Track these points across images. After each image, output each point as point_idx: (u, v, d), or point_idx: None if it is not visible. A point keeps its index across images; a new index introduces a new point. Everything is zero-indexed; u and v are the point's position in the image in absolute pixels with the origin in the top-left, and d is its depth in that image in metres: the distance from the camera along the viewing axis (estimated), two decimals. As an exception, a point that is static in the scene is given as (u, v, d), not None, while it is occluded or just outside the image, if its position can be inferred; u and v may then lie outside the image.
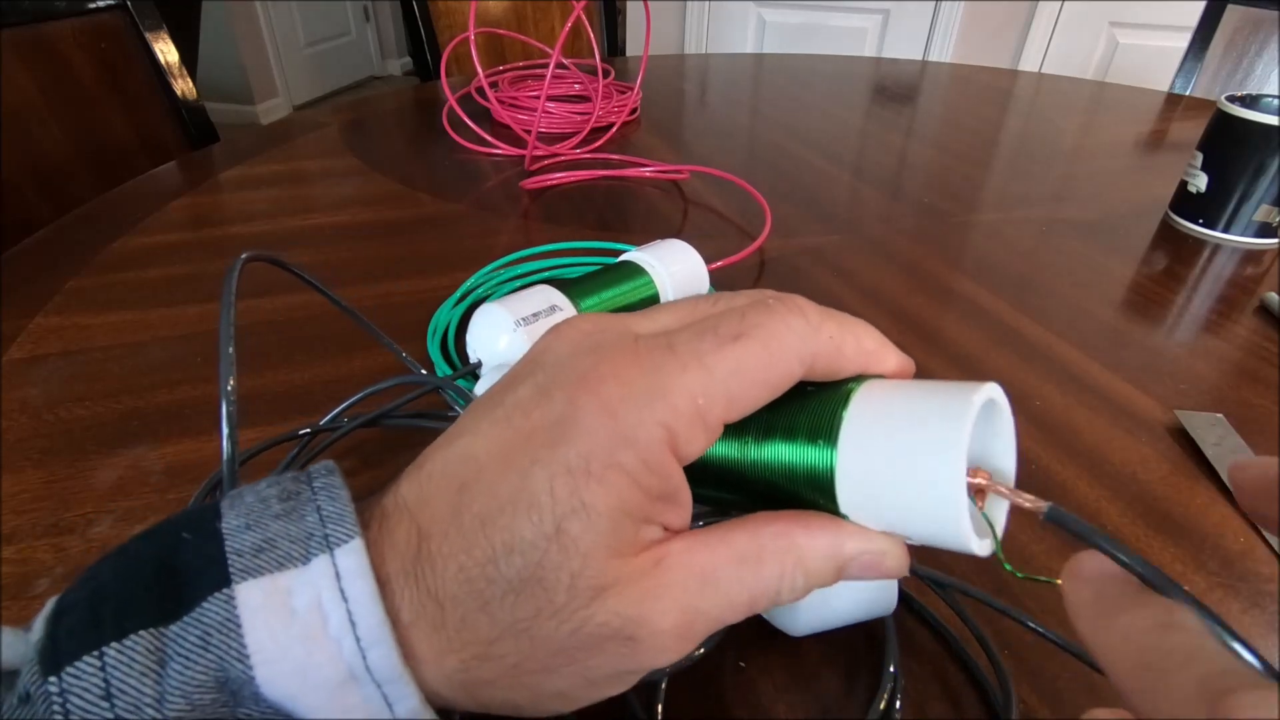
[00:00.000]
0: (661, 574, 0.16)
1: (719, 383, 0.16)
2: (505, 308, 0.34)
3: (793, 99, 0.94)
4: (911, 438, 0.16)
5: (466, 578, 0.15)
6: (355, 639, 0.14)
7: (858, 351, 0.18)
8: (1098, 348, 0.42)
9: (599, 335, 0.17)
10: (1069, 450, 0.34)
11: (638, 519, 0.16)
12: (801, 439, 0.17)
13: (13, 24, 0.70)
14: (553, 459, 0.15)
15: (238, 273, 0.21)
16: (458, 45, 1.10)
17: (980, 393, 0.16)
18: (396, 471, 0.17)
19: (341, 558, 0.15)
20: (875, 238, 0.56)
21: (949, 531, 0.16)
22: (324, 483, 0.16)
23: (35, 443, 0.33)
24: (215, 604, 0.14)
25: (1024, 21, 2.24)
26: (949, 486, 0.15)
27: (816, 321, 0.17)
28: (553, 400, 0.16)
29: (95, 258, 0.49)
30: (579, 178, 0.65)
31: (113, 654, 0.14)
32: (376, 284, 0.46)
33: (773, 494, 0.18)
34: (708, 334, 0.17)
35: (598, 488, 0.15)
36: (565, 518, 0.15)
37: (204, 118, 0.87)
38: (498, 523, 0.15)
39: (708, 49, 2.47)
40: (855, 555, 0.17)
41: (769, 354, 0.16)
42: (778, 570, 0.16)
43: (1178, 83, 1.15)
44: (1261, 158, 0.53)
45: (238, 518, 0.16)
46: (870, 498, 0.17)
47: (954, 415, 0.15)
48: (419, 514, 0.16)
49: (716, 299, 0.19)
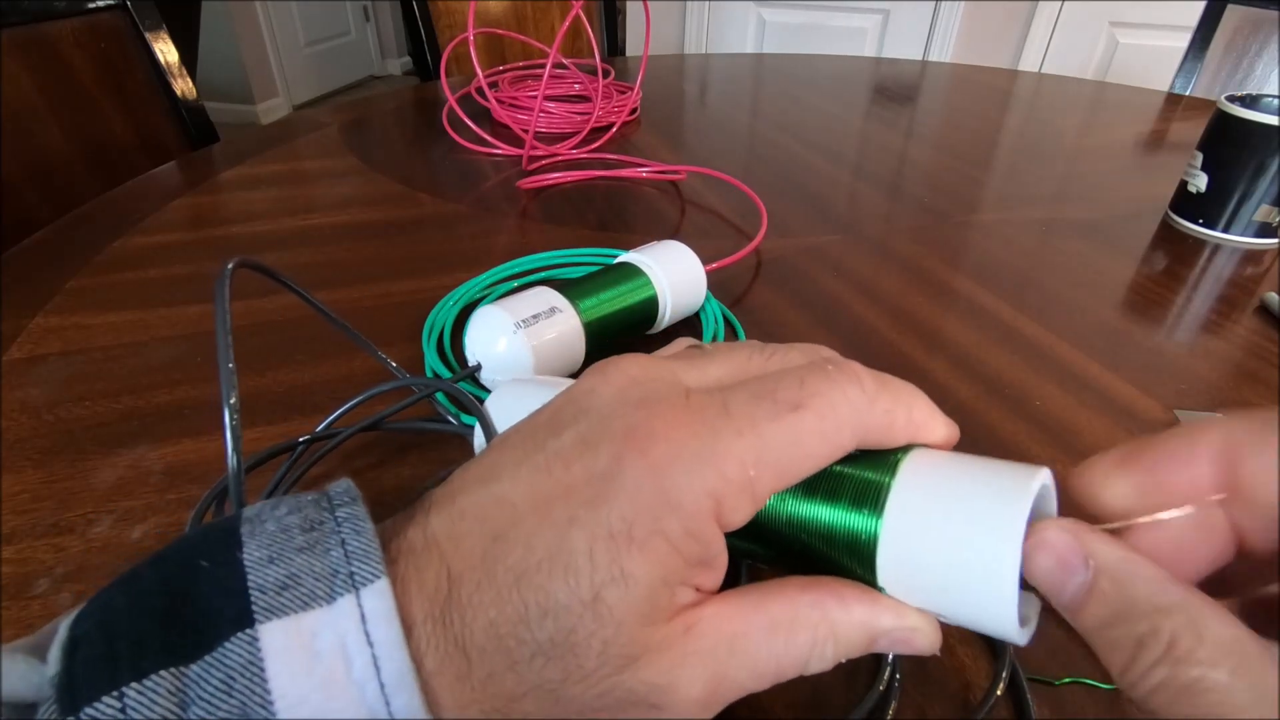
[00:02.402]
0: (692, 640, 0.15)
1: (772, 453, 0.15)
2: (505, 309, 0.34)
3: (793, 99, 0.94)
4: (964, 521, 0.15)
5: (497, 634, 0.15)
6: (379, 684, 0.14)
7: (909, 424, 0.17)
8: (1098, 348, 0.42)
9: (649, 385, 0.17)
10: (1069, 450, 0.34)
11: (674, 585, 0.15)
12: (845, 503, 0.17)
13: (13, 24, 0.70)
14: (593, 519, 0.15)
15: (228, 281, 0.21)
16: (458, 45, 1.10)
17: (1036, 480, 0.15)
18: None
19: (367, 599, 0.14)
20: (875, 238, 0.56)
21: (994, 620, 0.15)
22: (348, 513, 0.16)
23: (35, 443, 0.33)
24: (238, 645, 0.14)
25: (1024, 21, 2.24)
26: (1001, 577, 0.15)
27: (873, 392, 0.17)
28: (597, 454, 0.15)
29: (95, 258, 0.49)
30: (577, 178, 0.65)
31: (133, 695, 0.13)
32: (376, 284, 0.46)
33: (807, 555, 0.17)
34: (765, 399, 0.16)
35: (639, 555, 0.14)
36: (604, 586, 0.14)
37: (204, 118, 0.87)
38: (533, 581, 0.15)
39: (708, 49, 2.48)
40: (888, 631, 0.16)
41: (824, 427, 0.16)
42: (809, 641, 0.16)
43: (1178, 83, 1.15)
44: (1261, 158, 0.53)
45: (260, 549, 0.15)
46: (912, 575, 0.16)
47: (1009, 503, 0.15)
48: (450, 555, 0.15)
49: (769, 353, 0.18)
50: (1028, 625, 0.16)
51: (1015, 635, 0.15)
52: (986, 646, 0.25)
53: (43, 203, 0.71)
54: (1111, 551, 0.15)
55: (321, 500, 0.16)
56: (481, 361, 0.34)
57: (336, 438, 0.31)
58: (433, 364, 0.38)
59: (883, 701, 0.23)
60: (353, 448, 0.33)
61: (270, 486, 0.29)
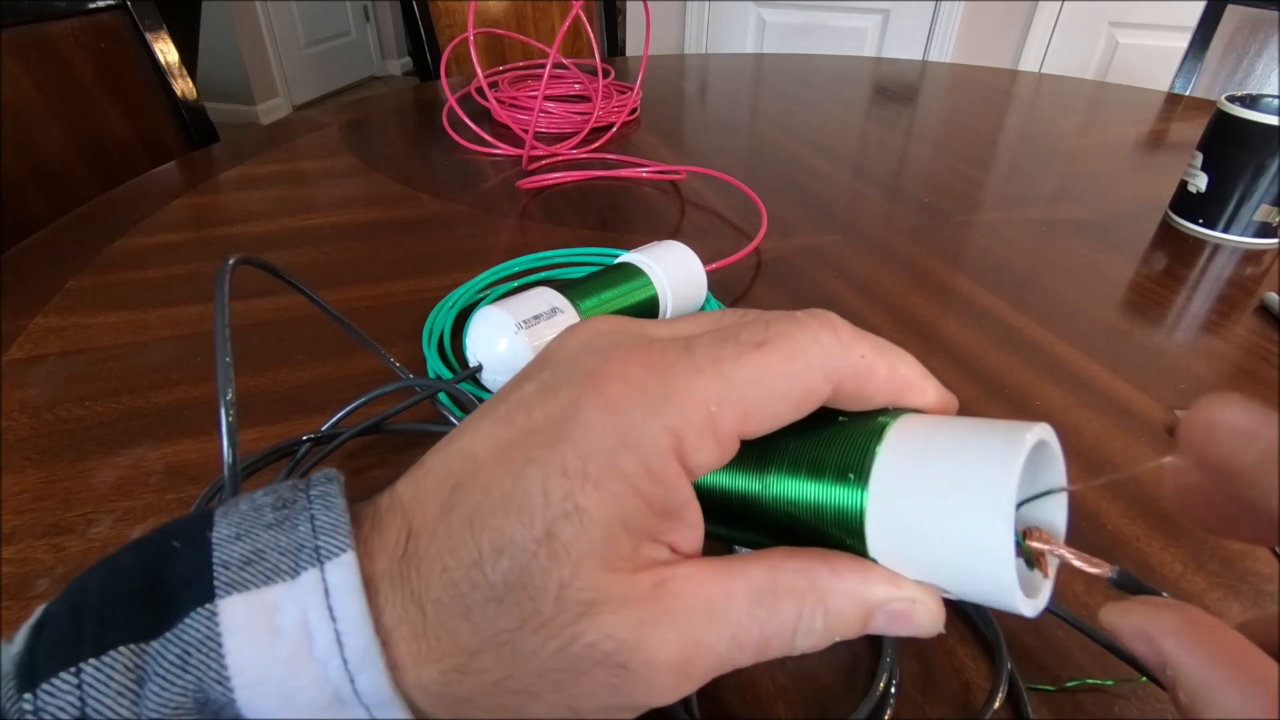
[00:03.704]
0: (663, 599, 0.14)
1: (735, 391, 0.15)
2: (506, 310, 0.34)
3: (793, 99, 0.94)
4: (952, 480, 0.14)
5: (450, 580, 0.14)
6: (342, 660, 0.13)
7: (891, 377, 0.16)
8: (1098, 348, 0.42)
9: (613, 335, 0.16)
10: (1069, 450, 0.34)
11: (637, 532, 0.14)
12: (830, 474, 0.16)
13: (13, 24, 0.70)
14: (549, 458, 0.14)
15: (228, 278, 0.20)
16: (458, 45, 1.10)
17: (1031, 433, 0.14)
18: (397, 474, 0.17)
19: (331, 572, 0.14)
20: (875, 238, 0.56)
21: (993, 589, 0.14)
22: (321, 490, 0.16)
23: (35, 443, 0.33)
24: (196, 620, 0.13)
25: (1024, 21, 2.24)
26: (994, 539, 0.14)
27: (848, 339, 0.16)
28: (556, 397, 0.15)
29: (95, 258, 0.49)
30: (577, 178, 0.65)
31: (90, 671, 0.13)
32: (376, 284, 0.46)
33: (796, 532, 0.16)
34: (728, 340, 0.15)
35: (594, 491, 0.14)
36: (556, 521, 0.14)
37: (204, 118, 0.87)
38: (487, 523, 0.14)
39: (708, 49, 2.48)
40: (884, 601, 0.15)
41: (792, 365, 0.15)
42: (796, 609, 0.15)
43: (1178, 83, 1.15)
44: (1261, 158, 0.53)
45: (229, 527, 0.15)
46: (904, 543, 0.15)
47: (1001, 457, 0.14)
48: (412, 512, 0.15)
49: (744, 312, 0.18)
50: (1036, 596, 0.15)
51: (1020, 605, 0.14)
52: (985, 651, 0.25)
53: (43, 203, 0.71)
54: (1189, 662, 0.13)
55: (300, 484, 0.16)
56: (483, 362, 0.34)
57: (338, 439, 0.32)
58: (434, 364, 0.38)
59: (882, 702, 0.23)
60: (354, 447, 0.33)
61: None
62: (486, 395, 0.35)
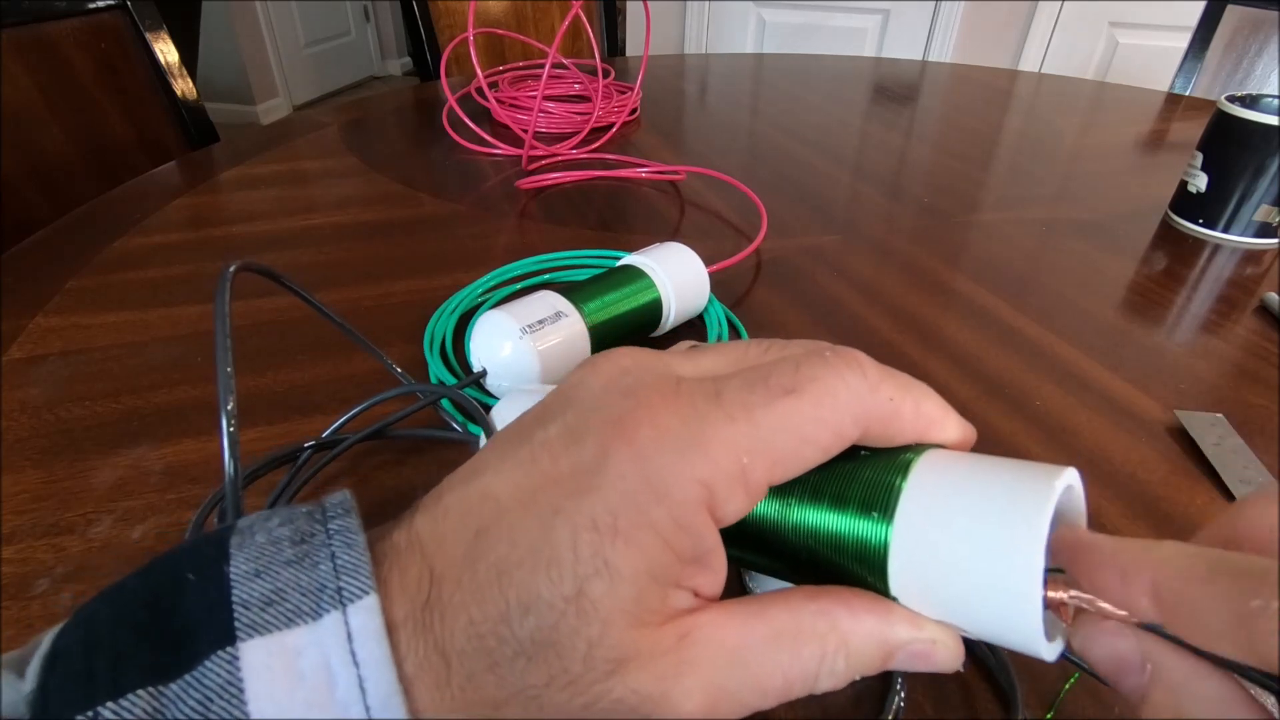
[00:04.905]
0: (687, 649, 0.14)
1: (766, 440, 0.15)
2: (510, 314, 0.33)
3: (793, 99, 0.94)
4: (981, 526, 0.14)
5: (476, 633, 0.14)
6: (365, 706, 0.13)
7: (916, 416, 0.16)
8: (1098, 348, 0.42)
9: (638, 373, 0.16)
10: (1069, 450, 0.34)
11: (665, 583, 0.14)
12: (853, 508, 0.16)
13: (13, 24, 0.70)
14: (577, 510, 0.14)
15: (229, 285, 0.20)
16: (458, 45, 1.10)
17: (1060, 480, 0.14)
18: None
19: (354, 616, 0.14)
20: (875, 238, 0.56)
21: (1017, 634, 0.14)
22: (340, 525, 0.15)
23: (35, 443, 0.33)
24: (217, 665, 0.13)
25: (1024, 21, 2.24)
26: (1023, 587, 0.13)
27: (875, 380, 0.16)
28: (583, 444, 0.15)
29: (95, 258, 0.49)
30: (576, 178, 0.65)
31: (108, 715, 0.13)
32: (376, 284, 0.46)
33: (814, 564, 0.16)
34: (758, 384, 0.15)
35: (624, 547, 0.14)
36: (587, 579, 0.14)
37: (204, 118, 0.87)
38: (514, 576, 0.14)
39: (708, 49, 2.48)
40: (905, 643, 0.15)
41: (822, 411, 0.15)
42: (818, 653, 0.15)
43: (1178, 83, 1.15)
44: (1261, 158, 0.53)
45: (246, 562, 0.14)
46: (927, 583, 0.15)
47: (1031, 503, 0.14)
48: (433, 554, 0.15)
49: (768, 346, 0.17)
50: (1055, 640, 0.14)
51: (1042, 651, 0.14)
52: (999, 696, 0.25)
53: (43, 203, 0.71)
54: (1174, 664, 0.13)
55: (316, 512, 0.16)
56: (487, 367, 0.34)
57: (339, 445, 0.31)
58: (436, 369, 0.37)
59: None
60: (356, 451, 0.33)
61: (274, 494, 0.29)
62: (491, 400, 0.35)
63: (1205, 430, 0.35)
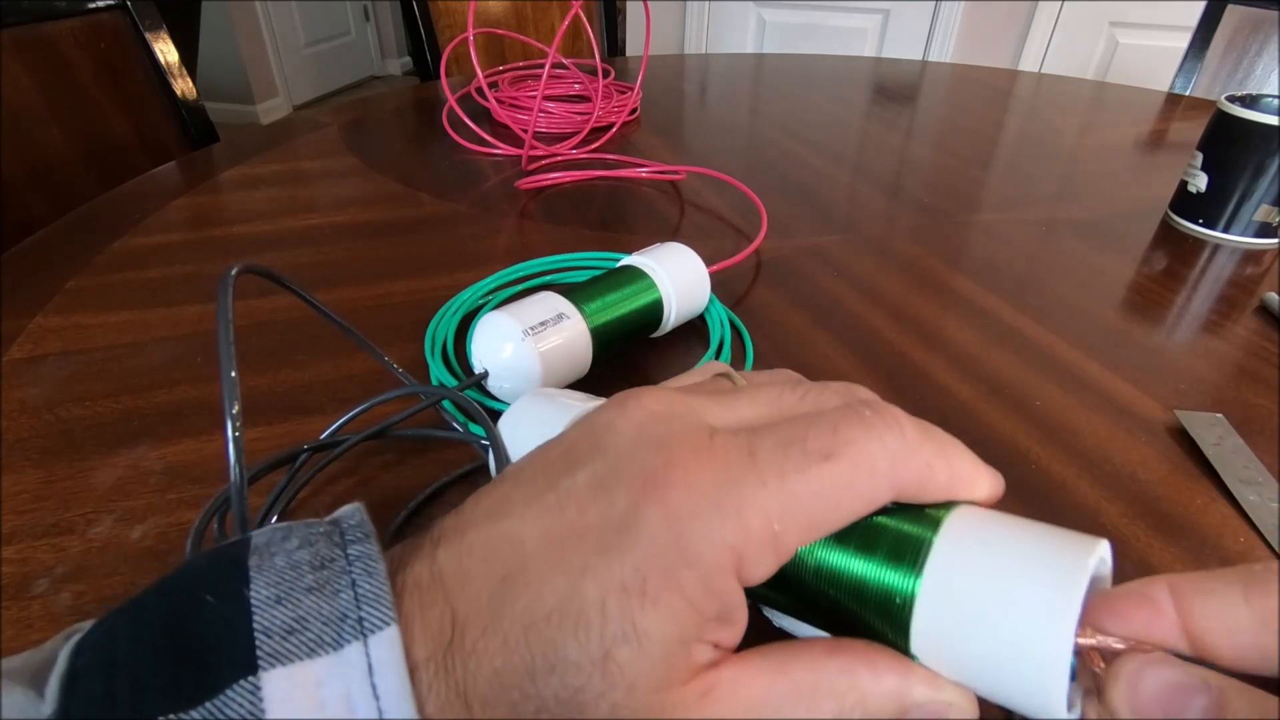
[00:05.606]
0: (709, 706, 0.14)
1: (799, 506, 0.15)
2: (511, 316, 0.33)
3: (793, 99, 0.94)
4: (1012, 595, 0.14)
5: (500, 684, 0.14)
6: None
7: (951, 478, 0.16)
8: (1098, 348, 0.42)
9: (669, 422, 0.16)
10: (1069, 450, 0.34)
11: (690, 641, 0.14)
12: (880, 558, 0.15)
13: (13, 24, 0.70)
14: (606, 570, 0.14)
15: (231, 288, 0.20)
16: (458, 45, 1.10)
17: (1094, 553, 0.14)
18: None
19: (375, 647, 0.14)
20: (875, 238, 0.56)
21: (1038, 699, 0.14)
22: (360, 551, 0.15)
23: (35, 443, 0.33)
24: (239, 694, 0.13)
25: (1024, 21, 2.24)
26: (1051, 658, 0.13)
27: (915, 442, 0.16)
28: (612, 498, 0.15)
29: (95, 258, 0.49)
30: (576, 178, 0.65)
31: None
32: (376, 284, 0.46)
33: (832, 610, 0.16)
34: (794, 447, 0.15)
35: (653, 611, 0.14)
36: (615, 643, 0.14)
37: (204, 118, 0.87)
38: (542, 632, 0.14)
39: (708, 49, 2.48)
40: (921, 704, 0.15)
41: (858, 479, 0.15)
42: (835, 709, 0.15)
43: (1178, 83, 1.15)
44: (1261, 158, 0.53)
45: (267, 587, 0.14)
46: (951, 645, 0.15)
47: (1064, 579, 0.14)
48: (455, 595, 0.15)
49: (803, 392, 0.17)
50: (1074, 710, 0.14)
51: (1062, 716, 0.14)
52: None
53: (43, 203, 0.71)
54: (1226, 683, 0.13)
55: (333, 534, 0.16)
56: (488, 368, 0.34)
57: (339, 447, 0.31)
58: (437, 371, 0.37)
59: None
60: (357, 451, 0.32)
61: (274, 494, 0.29)
62: (491, 402, 0.35)
63: (1205, 430, 0.35)
